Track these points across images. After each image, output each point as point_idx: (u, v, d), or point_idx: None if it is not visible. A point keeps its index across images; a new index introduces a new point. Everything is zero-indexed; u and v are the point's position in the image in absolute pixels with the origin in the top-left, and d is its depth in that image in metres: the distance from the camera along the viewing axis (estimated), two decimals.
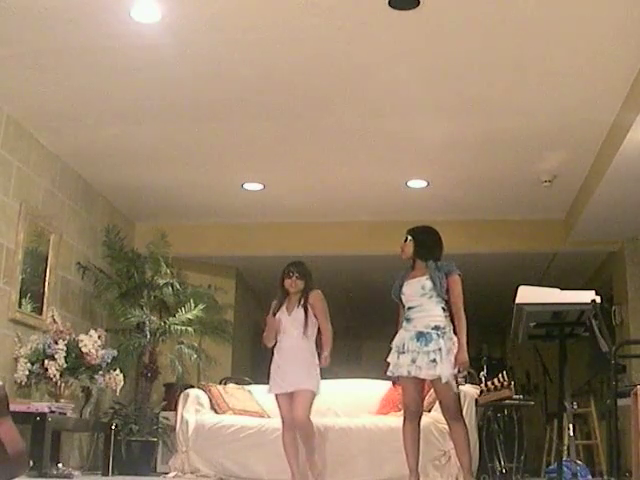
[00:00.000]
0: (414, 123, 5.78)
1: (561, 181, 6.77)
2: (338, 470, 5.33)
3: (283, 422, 4.98)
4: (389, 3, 4.15)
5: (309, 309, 4.98)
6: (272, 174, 6.95)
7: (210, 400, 6.05)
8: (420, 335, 4.50)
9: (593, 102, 5.30)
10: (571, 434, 4.34)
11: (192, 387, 6.29)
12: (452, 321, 4.54)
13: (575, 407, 4.79)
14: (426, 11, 4.22)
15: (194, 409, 5.91)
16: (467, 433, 4.62)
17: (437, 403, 5.54)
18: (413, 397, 4.61)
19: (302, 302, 5.01)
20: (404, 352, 4.55)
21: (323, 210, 7.79)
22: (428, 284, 4.56)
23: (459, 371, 4.48)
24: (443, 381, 4.43)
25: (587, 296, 3.97)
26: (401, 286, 4.68)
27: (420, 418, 4.70)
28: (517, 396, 5.91)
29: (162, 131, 5.98)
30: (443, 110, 5.53)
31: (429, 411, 5.56)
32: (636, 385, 3.84)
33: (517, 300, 4.06)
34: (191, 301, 6.89)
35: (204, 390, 6.10)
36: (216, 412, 5.97)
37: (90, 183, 7.07)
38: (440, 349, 4.43)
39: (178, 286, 7.00)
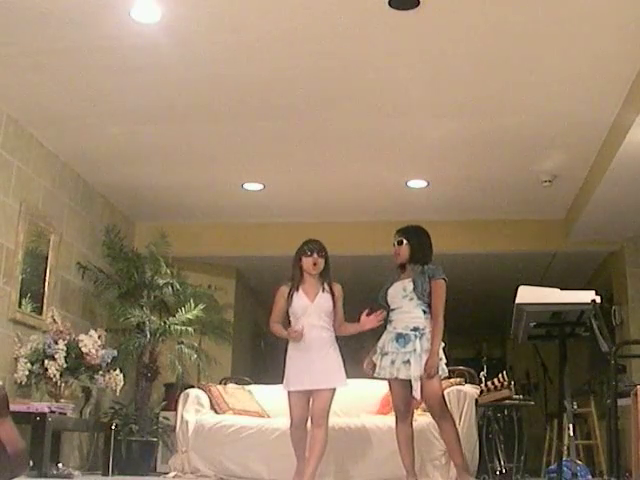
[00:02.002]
0: (414, 123, 5.78)
1: (561, 181, 6.77)
2: (338, 470, 5.33)
3: (292, 421, 4.62)
4: (389, 3, 4.15)
5: (335, 295, 4.62)
6: (272, 174, 6.95)
7: (210, 400, 6.05)
8: (399, 336, 4.55)
9: (593, 102, 5.30)
10: (571, 434, 4.33)
11: (192, 387, 6.28)
12: None
13: (575, 407, 4.78)
14: (426, 11, 4.22)
15: (194, 409, 5.90)
16: (457, 431, 4.61)
17: None
18: (401, 398, 4.62)
19: (326, 287, 4.61)
20: (386, 354, 4.60)
21: (323, 210, 7.79)
22: (410, 286, 4.59)
23: (428, 377, 4.43)
24: (414, 384, 4.46)
25: (587, 296, 3.97)
26: (387, 289, 4.70)
27: (412, 418, 4.71)
28: (517, 396, 5.90)
29: (162, 131, 5.98)
30: (443, 110, 5.53)
31: None
32: (636, 385, 3.84)
33: (517, 300, 4.06)
34: (191, 301, 6.89)
35: (204, 390, 6.10)
36: (216, 412, 5.97)
37: (90, 183, 7.07)
38: (415, 350, 4.47)
39: (178, 286, 6.99)
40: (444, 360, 4.56)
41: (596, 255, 8.23)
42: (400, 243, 4.72)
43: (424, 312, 4.55)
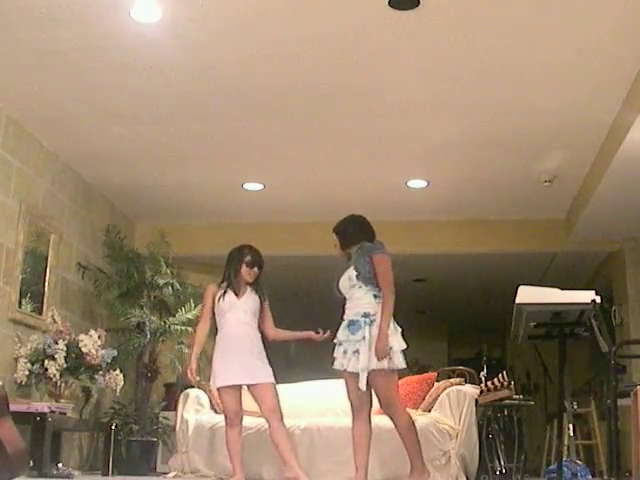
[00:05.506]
0: (414, 123, 5.78)
1: (561, 181, 6.77)
2: (337, 470, 5.32)
3: (228, 419, 4.85)
4: (389, 3, 4.16)
5: (262, 298, 4.97)
6: (272, 174, 6.95)
7: (210, 400, 6.05)
8: (350, 323, 4.40)
9: (593, 102, 5.31)
10: (571, 434, 4.34)
11: (192, 387, 6.28)
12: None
13: (575, 407, 4.79)
14: (426, 11, 4.22)
15: (194, 409, 5.91)
16: (411, 427, 4.44)
17: (437, 403, 5.58)
18: (352, 392, 4.45)
19: (255, 289, 4.98)
20: (340, 344, 4.45)
21: (323, 210, 7.77)
22: (353, 274, 4.45)
23: (378, 359, 4.23)
24: (361, 375, 4.27)
25: (587, 296, 3.97)
26: (339, 280, 4.57)
27: (369, 414, 4.54)
28: (517, 396, 5.90)
29: (162, 131, 5.98)
30: (443, 110, 5.53)
31: (429, 411, 5.57)
32: (636, 385, 3.84)
33: (517, 300, 4.06)
34: (191, 301, 6.88)
35: (204, 390, 6.10)
36: (216, 412, 5.96)
37: (90, 183, 7.07)
38: (364, 338, 4.29)
39: (178, 286, 6.99)
40: (398, 348, 4.31)
41: (596, 255, 8.23)
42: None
43: (375, 297, 4.38)
